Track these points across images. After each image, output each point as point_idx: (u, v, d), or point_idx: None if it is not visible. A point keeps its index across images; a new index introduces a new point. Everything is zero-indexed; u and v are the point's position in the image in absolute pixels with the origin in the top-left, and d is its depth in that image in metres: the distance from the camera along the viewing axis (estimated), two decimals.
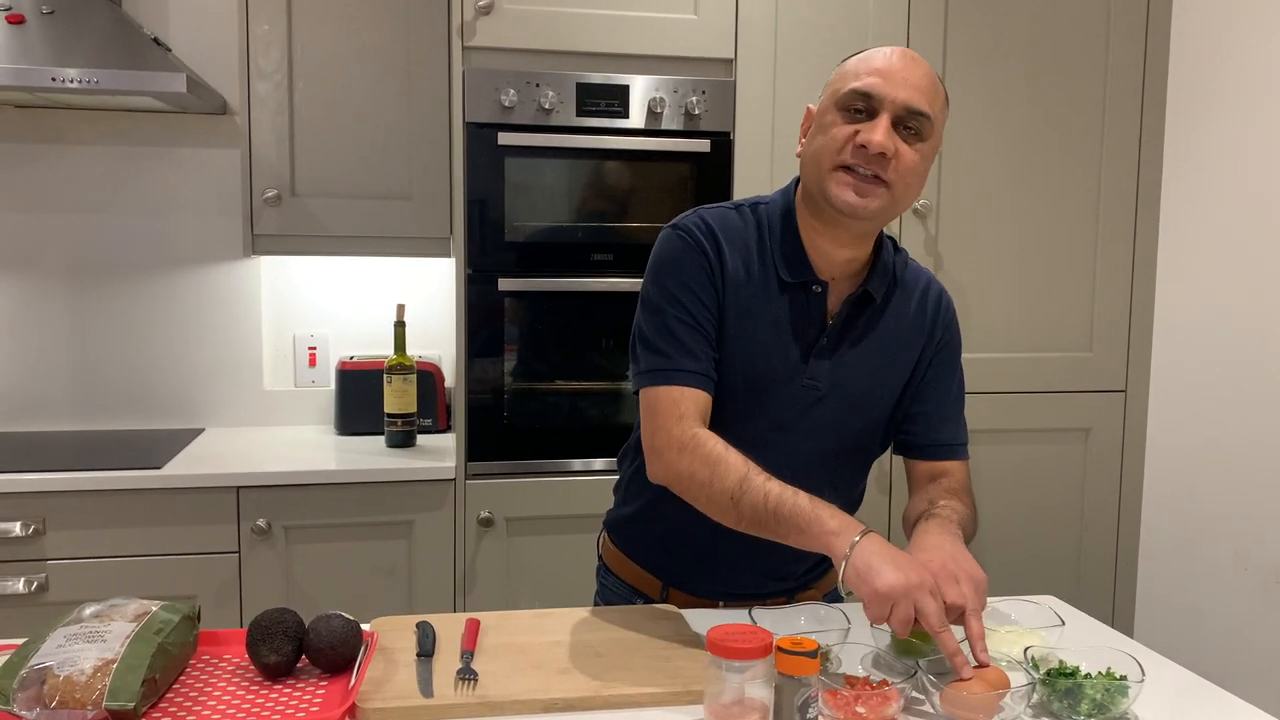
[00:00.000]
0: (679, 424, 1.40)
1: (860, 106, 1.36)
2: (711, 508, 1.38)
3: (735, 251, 1.46)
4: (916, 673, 1.20)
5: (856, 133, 1.36)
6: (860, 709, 1.14)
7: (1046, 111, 2.65)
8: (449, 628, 1.40)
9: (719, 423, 1.45)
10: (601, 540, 1.70)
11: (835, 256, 1.46)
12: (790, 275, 1.45)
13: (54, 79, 2.23)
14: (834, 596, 1.66)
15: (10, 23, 2.28)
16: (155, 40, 2.46)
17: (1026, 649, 1.26)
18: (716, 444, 1.37)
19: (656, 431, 1.42)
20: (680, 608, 1.53)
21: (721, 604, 1.56)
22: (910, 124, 1.36)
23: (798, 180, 1.50)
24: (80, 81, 2.24)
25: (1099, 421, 2.75)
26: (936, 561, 1.28)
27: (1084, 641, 1.41)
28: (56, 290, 2.74)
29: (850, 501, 1.60)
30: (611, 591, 1.66)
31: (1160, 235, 2.73)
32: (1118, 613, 2.80)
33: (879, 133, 1.34)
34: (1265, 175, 2.42)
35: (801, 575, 1.58)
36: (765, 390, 1.46)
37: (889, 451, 1.63)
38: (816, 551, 1.31)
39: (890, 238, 1.55)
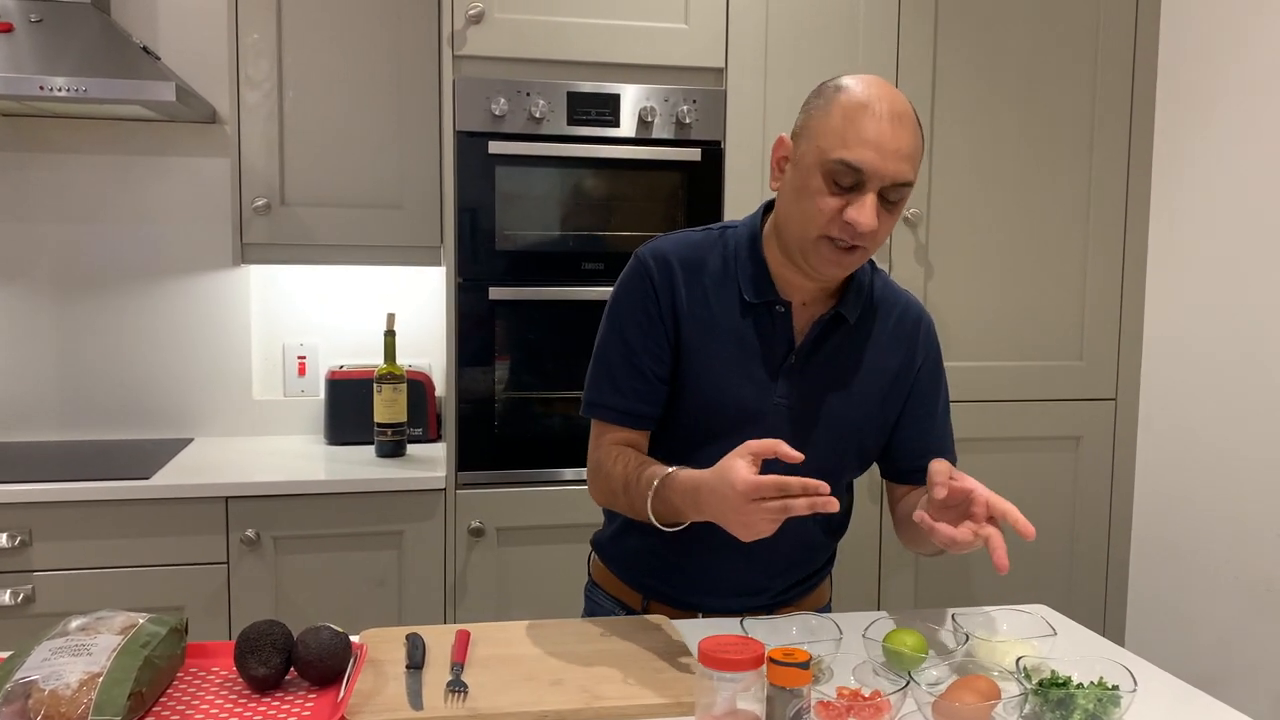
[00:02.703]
0: (593, 454, 1.52)
1: (848, 183, 1.34)
2: (630, 514, 1.47)
3: (693, 276, 1.48)
4: (909, 684, 1.20)
5: (844, 206, 1.34)
6: None
7: (1036, 120, 2.66)
8: (439, 639, 1.39)
9: (694, 445, 1.48)
10: (591, 559, 1.71)
11: (804, 284, 1.47)
12: (753, 296, 1.47)
13: (42, 88, 2.22)
14: (825, 608, 1.65)
15: None
16: (144, 49, 2.46)
17: (1019, 659, 1.26)
18: (607, 461, 1.47)
19: (587, 463, 1.54)
20: (665, 615, 1.52)
21: (700, 615, 1.55)
22: (893, 195, 1.35)
23: (765, 207, 1.51)
24: (69, 90, 2.23)
25: (1090, 430, 2.75)
26: None
27: (1076, 651, 1.41)
28: (44, 299, 2.73)
29: (834, 519, 1.60)
30: (596, 605, 1.67)
31: (1150, 244, 2.74)
32: (1109, 621, 2.80)
33: (867, 213, 1.33)
34: (1255, 184, 2.43)
35: (780, 592, 1.57)
36: (736, 410, 1.47)
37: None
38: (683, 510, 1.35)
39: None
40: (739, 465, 1.25)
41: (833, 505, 1.21)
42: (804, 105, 1.41)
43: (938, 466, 1.33)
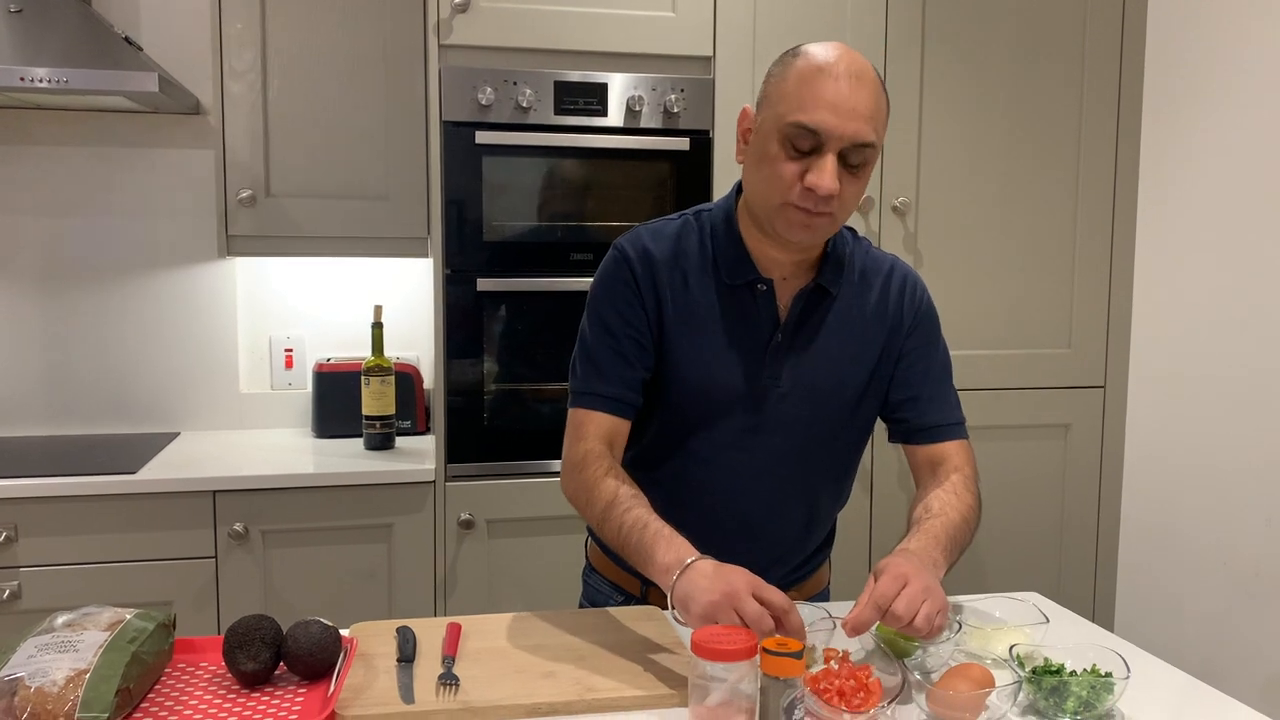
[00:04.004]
0: (576, 445, 1.46)
1: (807, 146, 1.33)
2: (594, 528, 1.47)
3: (672, 266, 1.47)
4: (904, 674, 1.19)
5: (804, 172, 1.33)
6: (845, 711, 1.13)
7: (1024, 108, 2.65)
8: (430, 632, 1.38)
9: (688, 432, 1.48)
10: (588, 544, 1.70)
11: (782, 258, 1.47)
12: (731, 278, 1.47)
13: (23, 79, 2.20)
14: (821, 598, 1.65)
15: None
16: (126, 39, 2.43)
17: (1012, 647, 1.26)
18: (598, 469, 1.42)
19: (564, 450, 1.49)
20: (660, 606, 1.52)
21: None
22: (855, 158, 1.34)
23: (738, 186, 1.50)
24: (50, 81, 2.21)
25: (1079, 417, 2.75)
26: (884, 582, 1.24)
27: (1068, 638, 1.40)
28: (27, 293, 2.70)
29: (837, 496, 1.60)
30: (595, 590, 1.66)
31: (1138, 231, 2.74)
32: (1098, 608, 2.81)
33: (826, 177, 1.32)
34: (1242, 171, 2.43)
35: (783, 574, 1.57)
36: (727, 393, 1.47)
37: (870, 450, 1.62)
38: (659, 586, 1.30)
39: (849, 227, 1.54)
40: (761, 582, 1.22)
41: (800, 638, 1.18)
42: (766, 74, 1.41)
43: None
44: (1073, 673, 1.21)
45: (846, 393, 1.51)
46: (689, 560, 1.26)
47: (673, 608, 1.26)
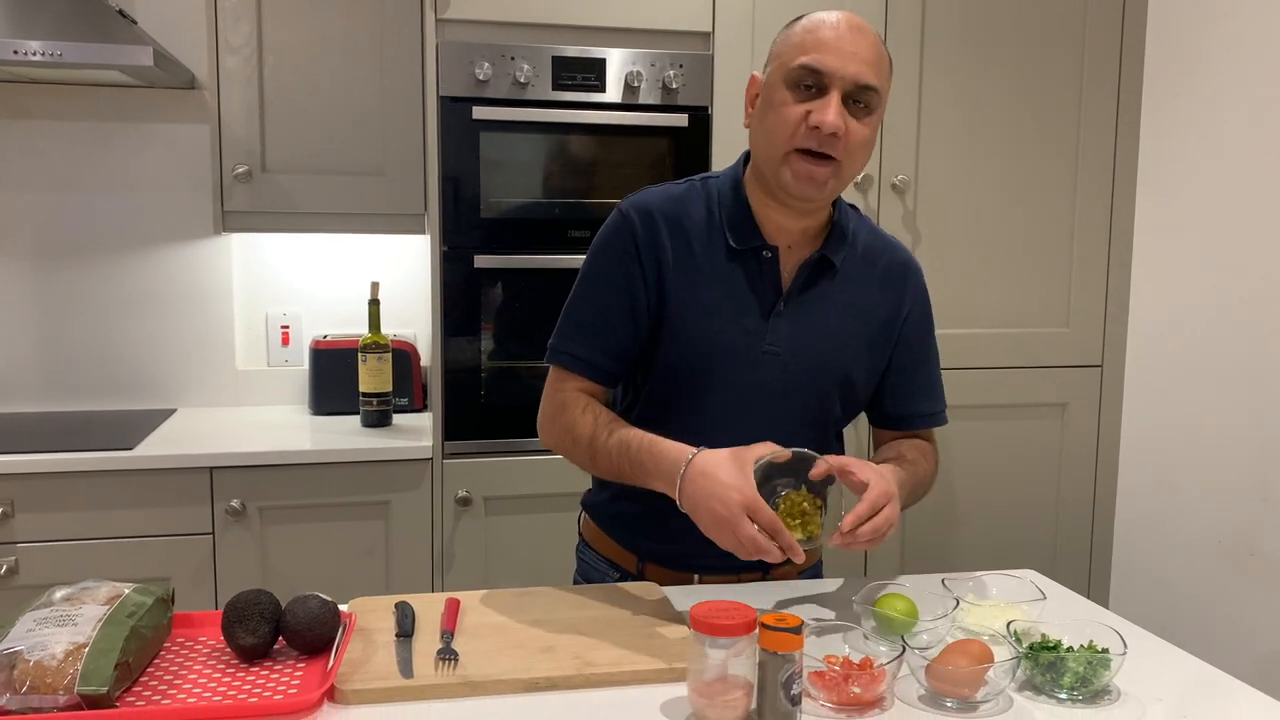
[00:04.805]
0: (552, 399, 1.51)
1: (810, 83, 1.36)
2: (588, 469, 1.50)
3: (677, 228, 1.48)
4: (903, 649, 1.20)
5: (808, 113, 1.36)
6: (855, 688, 1.13)
7: (1024, 88, 2.64)
8: (428, 608, 1.38)
9: (684, 395, 1.49)
10: (581, 519, 1.70)
11: (788, 225, 1.47)
12: (738, 242, 1.47)
13: (16, 52, 2.18)
14: (814, 573, 1.66)
15: None
16: (120, 12, 2.40)
17: (1009, 623, 1.26)
18: (573, 409, 1.47)
19: (541, 405, 1.53)
20: (657, 582, 1.52)
21: (697, 578, 1.55)
22: (859, 99, 1.37)
23: (747, 154, 1.51)
24: (43, 54, 2.18)
25: (1075, 396, 2.76)
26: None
27: (1065, 614, 1.41)
28: (23, 269, 2.69)
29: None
30: (589, 566, 1.66)
31: (1136, 211, 2.74)
32: (1093, 585, 2.82)
33: (831, 113, 1.35)
34: (1241, 155, 2.43)
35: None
36: (727, 357, 1.47)
37: (866, 431, 1.63)
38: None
39: (852, 205, 1.55)
40: (750, 472, 1.27)
41: (797, 558, 1.27)
42: (772, 42, 1.45)
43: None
44: (1070, 649, 1.21)
45: (842, 365, 1.52)
46: (682, 470, 1.32)
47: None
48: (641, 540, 1.58)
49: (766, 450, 1.31)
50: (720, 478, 1.28)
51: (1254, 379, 2.40)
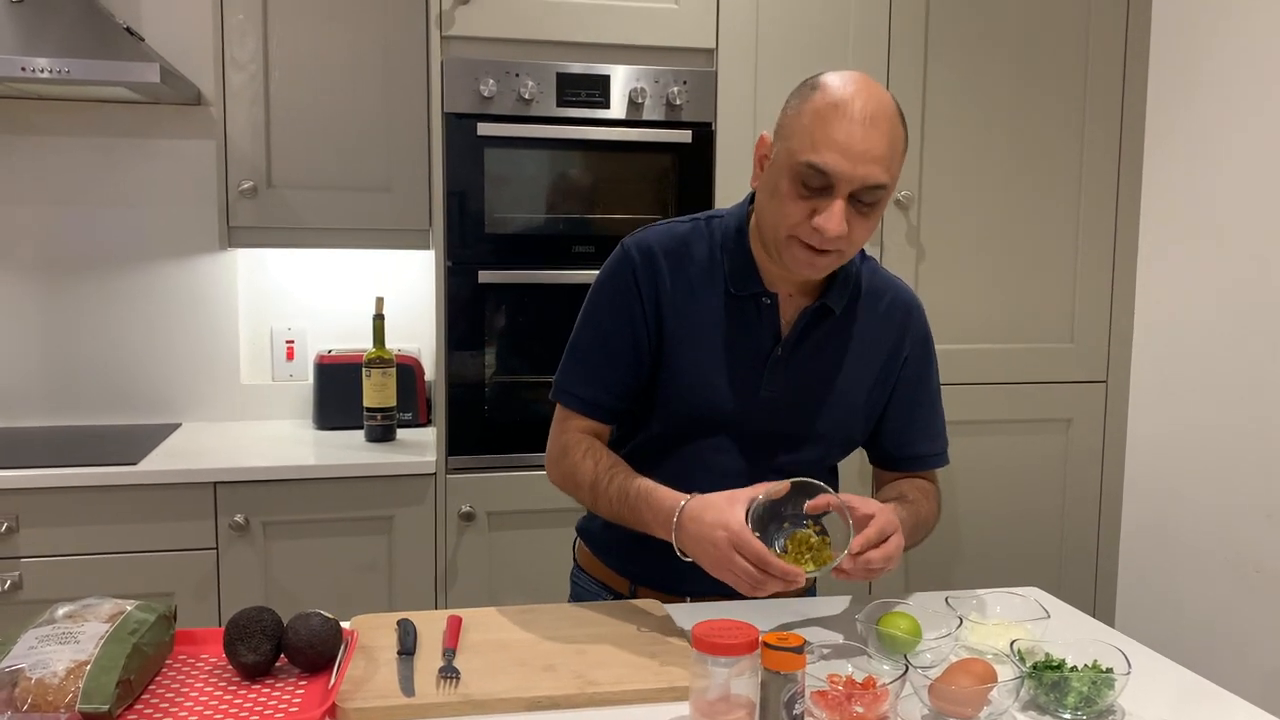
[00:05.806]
0: (557, 440, 1.53)
1: (816, 184, 1.32)
2: (592, 510, 1.54)
3: (678, 268, 1.48)
4: (906, 669, 1.19)
5: (813, 212, 1.33)
6: (858, 707, 1.13)
7: (1028, 103, 2.64)
8: (430, 625, 1.38)
9: (680, 438, 1.50)
10: (576, 544, 1.70)
11: (789, 277, 1.46)
12: (737, 289, 1.47)
13: (24, 69, 2.19)
14: (809, 593, 1.65)
15: None
16: (128, 29, 2.42)
17: (1013, 642, 1.26)
18: (575, 453, 1.49)
19: (548, 443, 1.56)
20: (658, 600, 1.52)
21: (689, 599, 1.55)
22: (866, 198, 1.33)
23: (751, 196, 1.49)
24: (51, 71, 2.20)
25: (1080, 412, 2.75)
26: None
27: (1069, 633, 1.40)
28: (29, 284, 2.70)
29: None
30: (582, 589, 1.66)
31: (1141, 226, 2.73)
32: (1099, 603, 2.81)
33: (834, 220, 1.31)
34: (1246, 167, 2.43)
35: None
36: (722, 401, 1.47)
37: (864, 461, 1.63)
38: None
39: None
40: (740, 510, 1.28)
41: (796, 584, 1.27)
42: (785, 103, 1.40)
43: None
44: (1074, 668, 1.21)
45: (840, 412, 1.52)
46: (675, 517, 1.34)
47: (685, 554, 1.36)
48: (633, 565, 1.58)
49: (761, 491, 1.31)
50: (706, 519, 1.30)
51: (1259, 395, 2.39)
